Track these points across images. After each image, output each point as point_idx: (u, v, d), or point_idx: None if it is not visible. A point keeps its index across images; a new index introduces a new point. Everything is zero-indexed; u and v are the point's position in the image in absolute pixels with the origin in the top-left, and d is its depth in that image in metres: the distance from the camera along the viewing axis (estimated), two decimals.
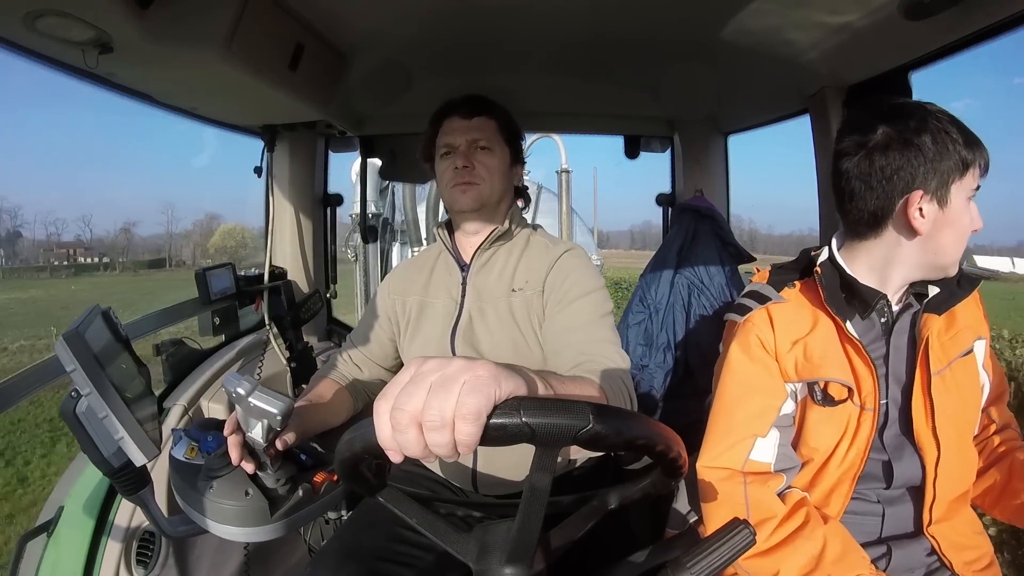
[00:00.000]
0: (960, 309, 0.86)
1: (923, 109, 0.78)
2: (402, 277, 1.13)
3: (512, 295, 1.00)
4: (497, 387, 0.40)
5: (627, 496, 0.60)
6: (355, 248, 4.89)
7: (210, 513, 0.79)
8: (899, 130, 0.77)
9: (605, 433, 0.41)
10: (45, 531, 0.97)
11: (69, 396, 0.67)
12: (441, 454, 0.40)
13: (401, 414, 0.40)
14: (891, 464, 0.84)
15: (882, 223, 0.81)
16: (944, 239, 0.80)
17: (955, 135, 0.76)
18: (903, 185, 0.77)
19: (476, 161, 1.02)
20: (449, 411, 0.39)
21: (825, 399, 0.84)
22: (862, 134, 0.80)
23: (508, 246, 1.06)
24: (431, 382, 0.40)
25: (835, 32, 1.00)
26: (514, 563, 0.50)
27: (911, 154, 0.76)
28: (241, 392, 0.71)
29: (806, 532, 0.77)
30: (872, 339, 0.86)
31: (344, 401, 1.06)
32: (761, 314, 0.88)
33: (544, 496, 0.46)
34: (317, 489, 0.83)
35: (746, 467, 0.83)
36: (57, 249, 60.69)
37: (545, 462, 0.44)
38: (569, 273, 0.98)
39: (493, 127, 1.05)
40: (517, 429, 0.39)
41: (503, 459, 0.97)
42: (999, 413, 0.94)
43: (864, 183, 0.80)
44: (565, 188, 6.05)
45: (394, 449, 0.41)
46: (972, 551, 0.87)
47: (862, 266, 0.85)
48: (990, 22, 0.86)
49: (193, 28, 0.87)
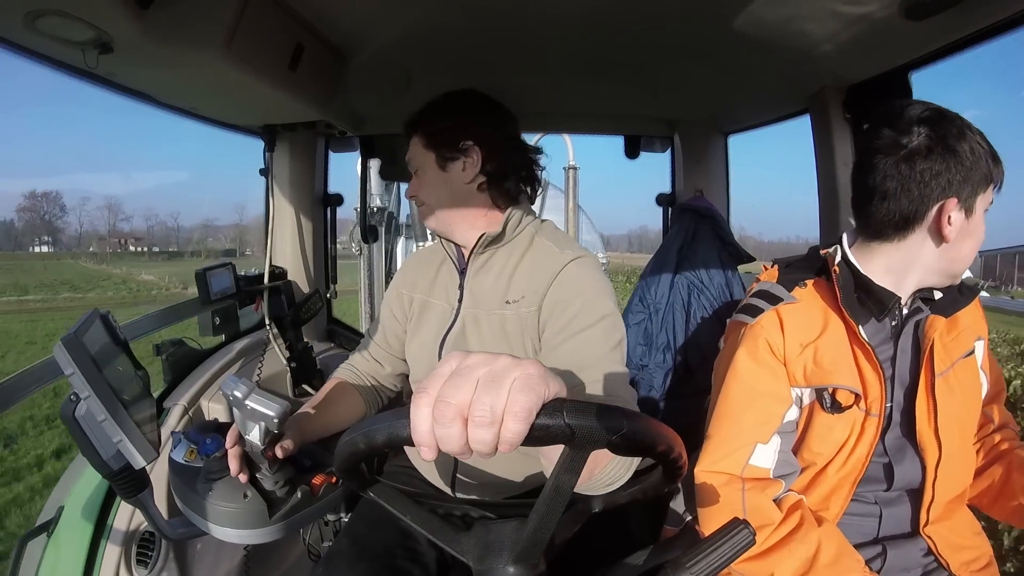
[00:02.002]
0: (961, 311, 0.86)
1: (960, 118, 0.78)
2: (412, 271, 1.09)
3: (506, 307, 0.91)
4: (546, 387, 0.39)
5: (619, 500, 0.60)
6: (359, 242, 4.87)
7: (209, 515, 0.80)
8: (942, 135, 0.76)
9: (635, 439, 0.41)
10: (45, 531, 0.97)
11: (68, 399, 0.67)
12: (481, 451, 0.39)
13: (447, 407, 0.38)
14: (892, 466, 0.84)
15: (911, 227, 0.80)
16: (964, 248, 0.80)
17: (987, 148, 0.77)
18: (940, 191, 0.77)
19: (418, 186, 0.99)
20: (500, 407, 0.38)
21: (833, 406, 0.83)
22: (901, 133, 0.78)
23: (507, 248, 0.96)
24: (478, 376, 0.39)
25: (835, 32, 1.00)
26: (521, 563, 0.50)
27: (952, 161, 0.76)
28: (238, 395, 0.72)
29: (800, 535, 0.77)
30: (880, 341, 0.85)
31: (353, 403, 1.05)
32: (771, 316, 0.86)
33: (567, 497, 0.45)
34: (316, 491, 0.84)
35: (745, 472, 0.82)
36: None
37: (575, 464, 0.43)
38: (576, 294, 0.86)
39: (418, 145, 0.97)
40: (559, 430, 0.39)
41: (487, 463, 0.96)
42: (996, 412, 0.94)
43: (901, 184, 0.78)
44: (572, 185, 6.02)
45: (430, 445, 0.39)
46: (970, 551, 0.87)
47: (878, 267, 0.84)
48: (990, 22, 0.86)
49: (193, 28, 0.87)
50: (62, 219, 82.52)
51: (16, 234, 76.78)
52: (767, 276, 0.95)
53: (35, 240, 74.49)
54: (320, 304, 1.69)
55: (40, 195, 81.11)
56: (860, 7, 0.91)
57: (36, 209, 79.15)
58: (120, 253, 67.07)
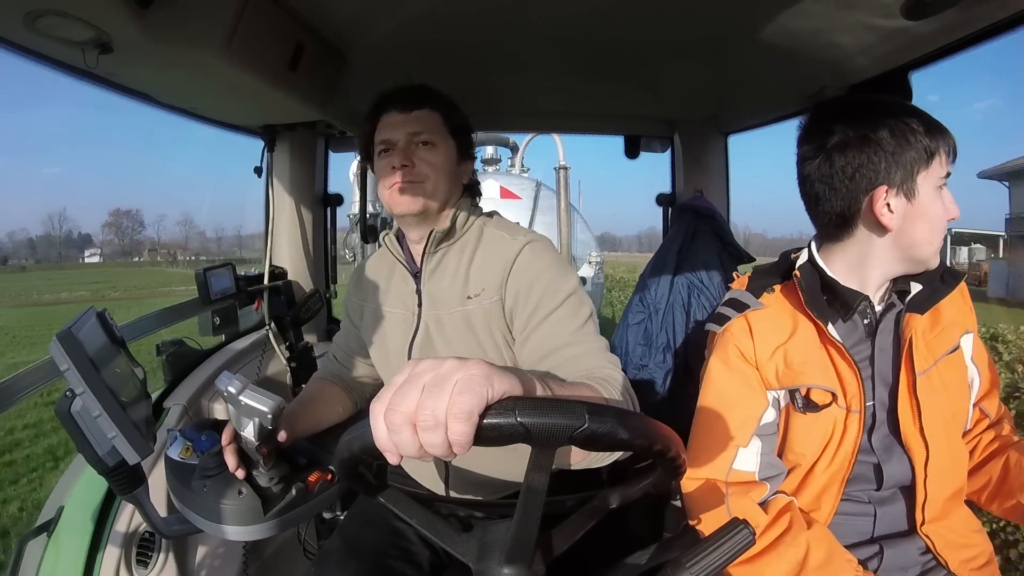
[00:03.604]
0: (945, 305, 0.85)
1: (879, 104, 0.78)
2: (363, 282, 1.06)
3: (467, 303, 0.89)
4: (490, 386, 0.40)
5: (627, 496, 0.60)
6: (353, 248, 4.87)
7: (204, 512, 0.80)
8: (855, 128, 0.76)
9: (602, 432, 0.41)
10: (45, 531, 0.97)
11: (64, 396, 0.68)
12: (437, 454, 0.40)
13: (395, 415, 0.40)
14: (880, 466, 0.84)
15: (851, 223, 0.81)
16: (917, 232, 0.78)
17: (915, 125, 0.75)
18: (866, 183, 0.77)
19: (417, 158, 0.91)
20: (442, 411, 0.39)
21: (807, 406, 0.83)
22: (820, 136, 0.80)
23: (459, 245, 0.94)
24: (424, 382, 0.40)
25: (835, 32, 1.00)
26: (513, 563, 0.50)
27: (870, 150, 0.76)
28: (232, 391, 0.73)
29: (788, 538, 0.77)
30: (856, 341, 0.85)
31: (339, 400, 1.06)
32: (740, 323, 0.87)
33: (541, 496, 0.46)
34: (311, 488, 0.84)
35: (729, 477, 0.82)
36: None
37: (541, 462, 0.44)
38: (536, 278, 0.85)
39: (437, 120, 0.94)
40: (512, 429, 0.40)
41: (478, 463, 0.96)
42: (992, 407, 0.93)
43: (827, 185, 0.80)
44: (563, 185, 6.01)
45: (391, 450, 0.41)
46: (969, 549, 0.86)
47: (840, 267, 0.85)
48: (990, 22, 0.86)
49: (193, 28, 0.87)
50: (141, 233, 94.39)
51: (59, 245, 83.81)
52: (737, 284, 0.96)
53: (83, 253, 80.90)
54: (320, 304, 1.69)
55: (123, 212, 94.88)
56: (860, 7, 0.91)
57: (118, 224, 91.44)
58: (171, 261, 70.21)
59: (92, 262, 69.87)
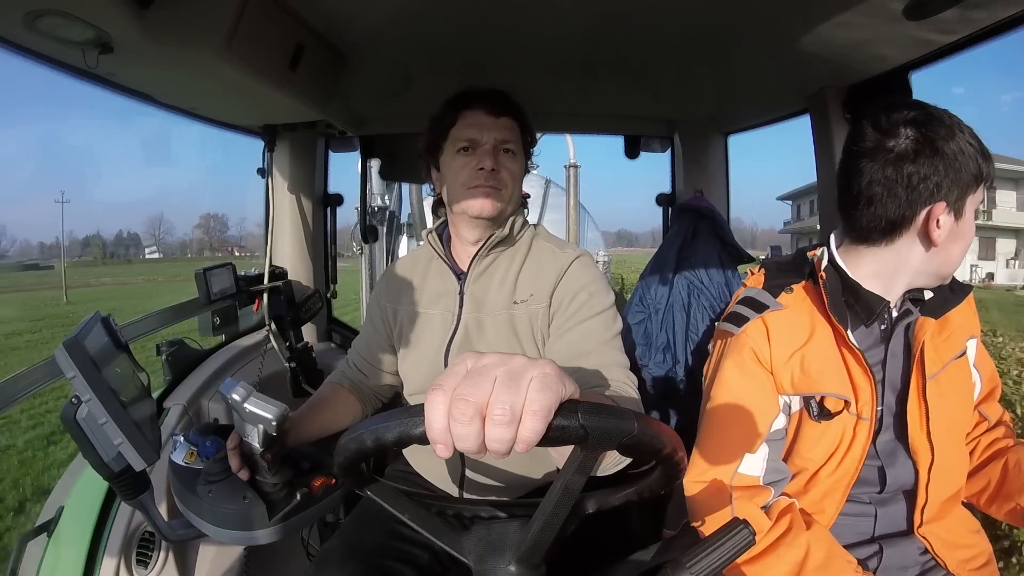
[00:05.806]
0: (953, 311, 0.85)
1: (949, 116, 0.75)
2: (394, 284, 1.05)
3: (514, 307, 0.92)
4: (563, 386, 0.39)
5: (606, 503, 0.60)
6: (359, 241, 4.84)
7: (209, 517, 0.80)
8: (929, 138, 0.73)
9: (646, 441, 0.42)
10: (45, 531, 0.97)
11: (70, 402, 0.68)
12: (498, 451, 0.38)
13: (466, 405, 0.38)
14: (884, 469, 0.84)
15: (898, 231, 0.78)
16: (953, 250, 0.78)
17: (976, 146, 0.74)
18: (928, 195, 0.74)
19: (500, 165, 0.93)
20: (519, 406, 0.38)
21: (821, 413, 0.82)
22: (887, 135, 0.75)
23: (510, 252, 0.97)
24: (496, 375, 0.39)
25: (835, 32, 1.00)
26: (523, 563, 0.50)
27: (939, 163, 0.73)
28: (237, 398, 0.73)
29: (788, 539, 0.77)
30: (870, 345, 0.84)
31: (350, 405, 1.05)
32: (757, 325, 0.85)
33: (575, 498, 0.46)
34: (315, 493, 0.84)
35: (734, 481, 0.81)
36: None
37: (586, 464, 0.43)
38: (581, 288, 0.90)
39: (517, 130, 0.97)
40: (574, 430, 0.39)
41: (493, 466, 0.95)
42: (992, 410, 0.93)
43: (886, 189, 0.76)
44: (573, 183, 6.01)
45: (446, 442, 0.39)
46: (967, 550, 0.87)
47: (866, 270, 0.82)
48: (990, 22, 0.86)
49: (193, 28, 0.87)
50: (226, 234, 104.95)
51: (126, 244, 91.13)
52: (753, 281, 0.94)
53: (144, 250, 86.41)
54: (320, 304, 1.69)
55: (211, 216, 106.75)
56: (860, 7, 0.91)
57: (206, 226, 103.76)
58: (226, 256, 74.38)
59: (152, 258, 77.04)
